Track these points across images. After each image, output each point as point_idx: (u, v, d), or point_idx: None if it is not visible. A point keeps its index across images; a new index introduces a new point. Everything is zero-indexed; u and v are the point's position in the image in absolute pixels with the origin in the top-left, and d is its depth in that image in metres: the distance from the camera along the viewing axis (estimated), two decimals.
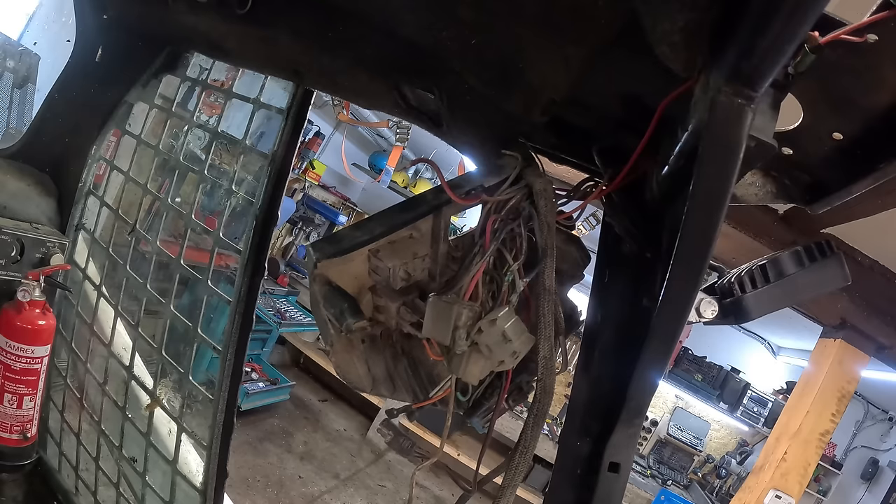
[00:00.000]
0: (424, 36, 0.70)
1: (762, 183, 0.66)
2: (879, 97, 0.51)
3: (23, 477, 1.21)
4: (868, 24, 0.45)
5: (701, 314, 0.61)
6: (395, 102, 0.77)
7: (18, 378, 1.08)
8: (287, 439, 5.43)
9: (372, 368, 0.76)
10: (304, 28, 0.80)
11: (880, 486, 6.28)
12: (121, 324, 1.19)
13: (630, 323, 0.67)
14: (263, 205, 0.97)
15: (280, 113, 0.97)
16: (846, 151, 0.58)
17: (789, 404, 2.51)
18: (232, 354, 0.98)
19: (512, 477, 0.64)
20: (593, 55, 0.58)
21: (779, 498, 2.35)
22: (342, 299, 0.67)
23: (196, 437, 1.05)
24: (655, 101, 0.58)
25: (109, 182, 1.22)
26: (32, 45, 3.20)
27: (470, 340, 0.62)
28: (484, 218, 0.67)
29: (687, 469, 7.18)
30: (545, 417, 0.63)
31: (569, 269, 0.76)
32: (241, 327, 0.98)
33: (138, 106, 1.21)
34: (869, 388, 6.05)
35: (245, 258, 0.97)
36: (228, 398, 0.99)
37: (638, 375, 0.57)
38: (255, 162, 1.00)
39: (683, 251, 0.50)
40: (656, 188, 0.62)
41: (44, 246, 1.14)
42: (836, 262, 0.60)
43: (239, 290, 0.98)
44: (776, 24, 0.39)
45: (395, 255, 0.67)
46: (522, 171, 0.66)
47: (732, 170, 0.46)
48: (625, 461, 0.62)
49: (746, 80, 0.43)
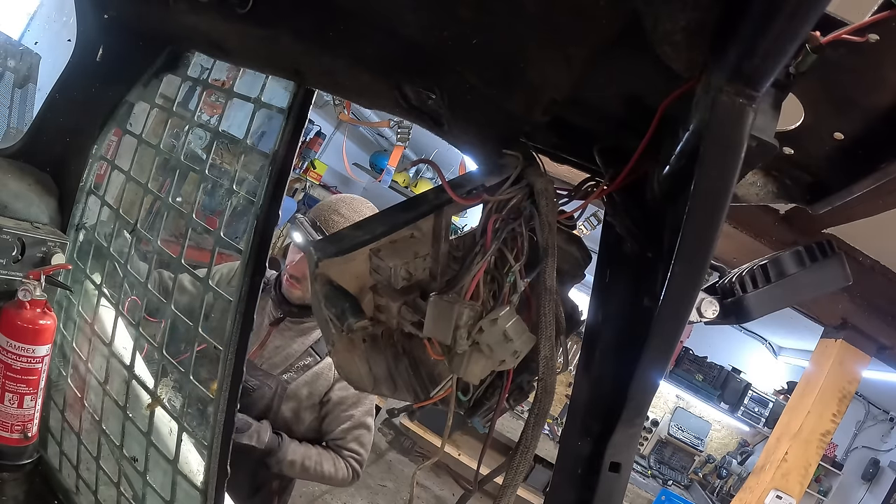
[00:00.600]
0: (425, 36, 0.70)
1: (763, 183, 0.66)
2: (881, 97, 0.51)
3: (23, 476, 1.22)
4: (869, 23, 0.45)
5: (702, 314, 0.61)
6: (396, 102, 0.77)
7: (19, 377, 1.08)
8: None
9: (373, 368, 0.76)
10: (305, 28, 0.80)
11: (881, 486, 6.27)
12: (121, 323, 1.19)
13: (631, 323, 0.67)
14: (264, 204, 0.96)
15: (281, 112, 0.97)
16: (847, 151, 0.58)
17: (790, 404, 2.51)
18: (232, 354, 0.98)
19: (513, 477, 0.64)
20: (595, 55, 0.58)
21: (780, 498, 2.35)
22: (343, 299, 0.67)
23: (197, 436, 1.05)
24: (656, 101, 0.58)
25: (110, 181, 1.22)
26: (33, 45, 3.20)
27: (471, 340, 0.62)
28: (485, 217, 0.67)
29: (688, 469, 7.18)
30: (546, 417, 0.63)
31: (570, 268, 0.76)
32: (241, 327, 0.98)
33: (139, 105, 1.21)
34: (870, 389, 6.05)
35: (246, 258, 0.97)
36: (229, 397, 0.99)
37: (639, 375, 0.57)
38: (256, 161, 0.99)
39: (685, 251, 0.50)
40: (657, 188, 0.62)
41: (45, 245, 1.14)
42: (837, 262, 0.60)
43: (239, 290, 0.98)
44: (778, 24, 0.39)
45: (396, 254, 0.67)
46: (523, 170, 0.66)
47: (734, 170, 0.46)
48: (626, 461, 0.62)
49: (748, 79, 0.44)
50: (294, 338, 1.85)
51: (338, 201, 1.86)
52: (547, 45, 0.60)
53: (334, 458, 1.83)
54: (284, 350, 1.84)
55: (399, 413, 1.38)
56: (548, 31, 0.59)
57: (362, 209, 1.83)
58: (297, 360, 1.83)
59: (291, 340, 1.85)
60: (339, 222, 1.75)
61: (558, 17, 0.56)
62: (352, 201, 1.86)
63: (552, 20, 0.57)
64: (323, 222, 1.75)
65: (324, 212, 1.80)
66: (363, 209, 1.83)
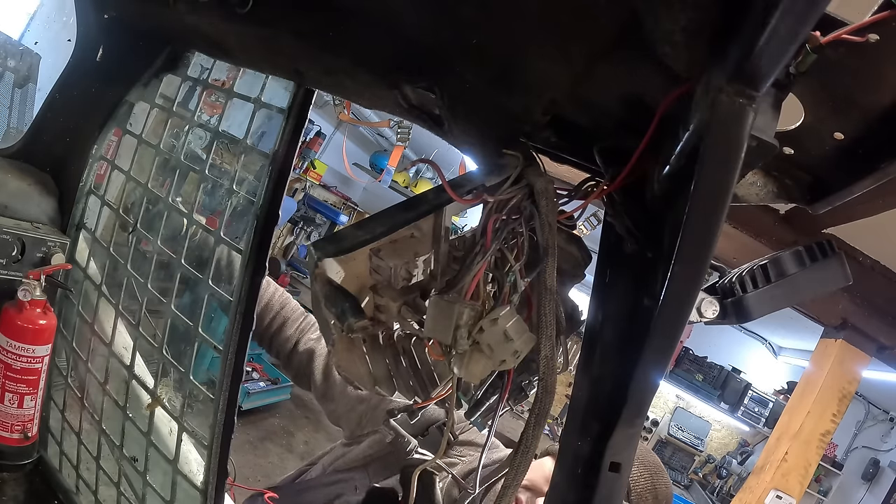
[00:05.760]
0: (425, 35, 0.70)
1: (763, 183, 0.66)
2: (881, 97, 0.51)
3: (24, 476, 1.22)
4: (869, 23, 0.45)
5: (702, 314, 0.61)
6: (396, 102, 0.77)
7: (19, 377, 1.08)
8: (288, 439, 5.43)
9: (373, 368, 0.76)
10: (305, 27, 0.80)
11: (881, 486, 6.27)
12: (121, 323, 1.19)
13: (631, 322, 0.67)
14: (264, 204, 0.96)
15: (281, 112, 0.97)
16: (847, 151, 0.58)
17: (790, 404, 2.51)
18: (233, 354, 0.98)
19: (513, 477, 0.64)
20: (594, 54, 0.58)
21: (780, 498, 2.35)
22: (343, 299, 0.67)
23: (197, 436, 1.05)
24: (656, 101, 0.58)
25: (110, 181, 1.22)
26: (33, 45, 3.21)
27: (471, 340, 0.62)
28: (485, 217, 0.67)
29: (688, 469, 7.19)
30: (546, 417, 0.63)
31: (570, 268, 0.76)
32: (241, 327, 0.98)
33: (139, 105, 1.21)
34: (870, 389, 6.05)
35: (246, 258, 0.97)
36: (229, 397, 0.99)
37: (639, 375, 0.57)
38: (256, 161, 0.99)
39: (685, 251, 0.50)
40: (657, 188, 0.62)
41: (45, 245, 1.14)
42: (837, 262, 0.60)
43: (239, 290, 0.98)
44: (778, 24, 0.39)
45: (396, 254, 0.67)
46: (523, 170, 0.66)
47: (734, 169, 0.46)
48: (626, 461, 0.62)
49: (748, 80, 0.44)
50: None
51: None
52: (547, 44, 0.60)
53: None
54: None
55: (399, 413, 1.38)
56: (548, 30, 0.59)
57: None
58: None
59: None
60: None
61: (558, 16, 0.56)
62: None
63: (552, 19, 0.57)
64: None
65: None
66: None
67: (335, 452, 1.60)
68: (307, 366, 1.63)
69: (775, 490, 2.34)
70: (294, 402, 5.74)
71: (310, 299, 0.76)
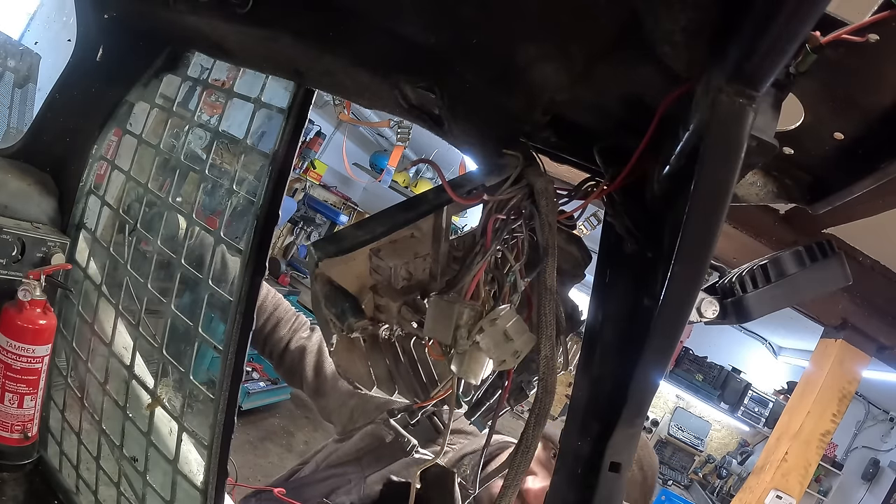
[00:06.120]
0: (425, 35, 0.70)
1: (763, 183, 0.66)
2: (881, 97, 0.51)
3: (24, 476, 1.22)
4: (869, 23, 0.45)
5: (702, 314, 0.62)
6: (396, 102, 0.77)
7: (19, 377, 1.08)
8: (288, 439, 5.43)
9: (373, 368, 0.76)
10: (305, 27, 0.80)
11: (881, 486, 6.28)
12: (121, 323, 1.19)
13: (631, 322, 0.67)
14: (264, 204, 0.96)
15: (281, 112, 0.96)
16: (848, 151, 0.58)
17: (790, 404, 2.51)
18: (233, 354, 0.98)
19: (513, 477, 0.64)
20: (594, 54, 0.58)
21: (780, 498, 2.35)
22: (343, 299, 0.67)
23: (197, 436, 1.05)
24: (656, 101, 0.58)
25: (110, 181, 1.22)
26: (33, 45, 3.21)
27: (471, 340, 0.62)
28: (485, 217, 0.67)
29: (688, 469, 7.19)
30: (546, 417, 0.63)
31: (570, 268, 0.76)
32: (241, 327, 0.98)
33: (139, 105, 1.21)
34: (870, 389, 6.05)
35: (246, 258, 0.97)
36: (229, 397, 0.99)
37: (639, 375, 0.57)
38: (256, 161, 0.99)
39: (685, 251, 0.50)
40: (657, 188, 0.62)
41: (45, 245, 1.14)
42: (837, 261, 0.60)
43: (239, 290, 0.98)
44: (778, 24, 0.39)
45: (396, 254, 0.67)
46: (523, 170, 0.66)
47: (734, 169, 0.46)
48: (626, 461, 0.62)
49: (748, 80, 0.44)
50: None
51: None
52: (547, 44, 0.60)
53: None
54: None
55: (399, 413, 1.38)
56: (548, 30, 0.59)
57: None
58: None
59: None
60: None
61: (558, 16, 0.56)
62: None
63: (552, 19, 0.57)
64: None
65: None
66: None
67: (327, 449, 1.61)
68: (298, 363, 1.64)
69: (775, 490, 2.34)
70: (294, 402, 5.74)
71: (310, 299, 0.76)
